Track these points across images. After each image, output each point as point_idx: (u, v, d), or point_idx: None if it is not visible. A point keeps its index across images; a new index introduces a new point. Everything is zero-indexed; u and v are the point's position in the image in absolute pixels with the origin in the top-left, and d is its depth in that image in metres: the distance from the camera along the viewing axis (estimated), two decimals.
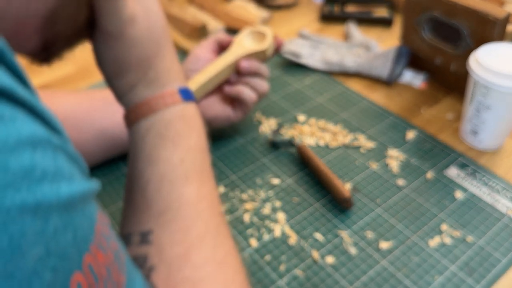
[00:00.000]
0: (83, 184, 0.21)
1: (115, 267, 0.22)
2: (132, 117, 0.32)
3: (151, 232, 0.29)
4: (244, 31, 0.54)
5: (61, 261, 0.18)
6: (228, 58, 0.50)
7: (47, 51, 0.28)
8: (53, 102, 0.49)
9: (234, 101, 0.52)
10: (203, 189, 0.31)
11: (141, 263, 0.28)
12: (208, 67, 0.50)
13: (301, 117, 0.60)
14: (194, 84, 0.48)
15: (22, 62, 0.77)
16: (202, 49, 0.52)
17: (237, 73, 0.52)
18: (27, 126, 0.18)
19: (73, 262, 0.19)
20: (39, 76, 0.70)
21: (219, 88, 0.52)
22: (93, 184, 0.22)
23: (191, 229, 0.29)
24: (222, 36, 0.53)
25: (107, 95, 0.50)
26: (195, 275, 0.27)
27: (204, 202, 0.31)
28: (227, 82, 0.53)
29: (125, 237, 0.29)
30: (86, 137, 0.48)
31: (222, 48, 0.54)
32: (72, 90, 0.51)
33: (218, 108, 0.52)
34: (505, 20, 0.53)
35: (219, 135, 0.57)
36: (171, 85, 0.33)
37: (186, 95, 0.33)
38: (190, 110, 0.33)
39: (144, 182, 0.31)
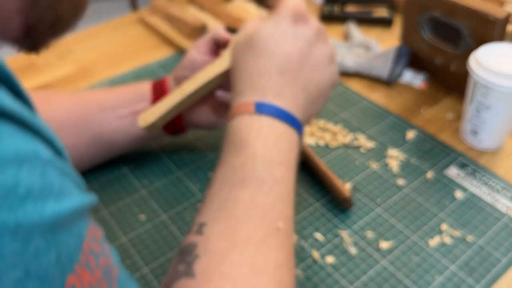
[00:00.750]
0: (76, 200, 0.20)
1: (103, 284, 0.22)
2: (227, 118, 0.36)
3: (206, 224, 0.31)
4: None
5: (42, 283, 0.18)
6: (220, 66, 0.45)
7: (32, 38, 0.28)
8: (50, 105, 0.49)
9: (228, 106, 0.49)
10: (258, 197, 0.32)
11: (190, 250, 0.30)
12: (198, 75, 0.46)
13: None
14: (180, 94, 0.45)
15: (22, 62, 0.77)
16: (197, 52, 0.49)
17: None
18: (13, 142, 0.18)
19: (55, 284, 0.19)
20: (39, 76, 0.70)
21: (212, 94, 0.50)
22: (88, 198, 0.22)
23: (238, 230, 0.31)
24: (220, 32, 0.50)
25: (103, 99, 0.50)
26: (231, 273, 0.29)
27: (258, 210, 0.32)
28: (220, 86, 0.49)
29: (190, 226, 0.32)
30: (83, 141, 0.48)
31: (219, 46, 0.51)
32: (69, 91, 0.51)
33: (210, 116, 0.50)
34: (505, 20, 0.53)
35: (218, 135, 0.57)
36: (255, 97, 0.35)
37: (261, 108, 0.35)
38: (264, 122, 0.35)
39: (213, 179, 0.34)
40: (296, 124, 0.36)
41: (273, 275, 0.30)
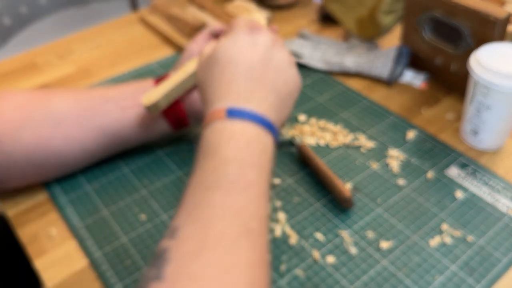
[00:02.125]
0: None
1: None
2: (201, 127, 0.37)
3: (178, 227, 0.32)
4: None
5: None
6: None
7: None
8: (53, 101, 0.49)
9: None
10: (230, 198, 0.32)
11: (161, 255, 0.30)
12: (187, 64, 0.48)
13: (302, 117, 0.60)
14: (183, 73, 0.47)
15: (23, 61, 0.77)
16: (196, 44, 0.51)
17: None
18: None
19: None
20: (40, 75, 0.70)
21: None
22: None
23: (209, 231, 0.31)
24: (216, 26, 0.52)
25: (106, 92, 0.50)
26: (200, 274, 0.29)
27: (229, 211, 0.32)
28: None
29: (166, 230, 0.33)
30: (86, 134, 0.48)
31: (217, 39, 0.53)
32: (71, 88, 0.51)
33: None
34: (506, 20, 0.53)
35: None
36: (226, 104, 0.36)
37: (232, 113, 0.35)
38: (235, 126, 0.35)
39: (187, 185, 0.35)
40: (268, 126, 0.36)
41: (244, 275, 0.30)
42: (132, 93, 0.50)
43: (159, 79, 0.51)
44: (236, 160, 0.34)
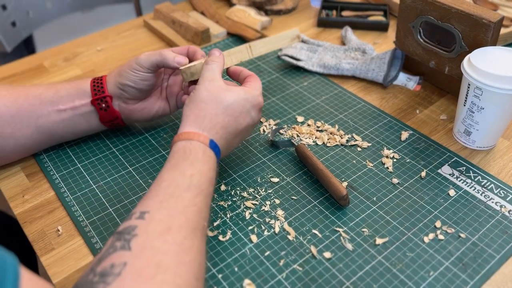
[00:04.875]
0: None
1: None
2: (176, 138, 0.44)
3: (148, 212, 0.37)
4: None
5: None
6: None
7: None
8: None
9: (166, 97, 0.58)
10: (196, 199, 0.40)
11: (130, 231, 0.36)
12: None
13: (300, 118, 0.61)
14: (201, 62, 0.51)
15: (31, 64, 0.77)
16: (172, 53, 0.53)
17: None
18: None
19: None
20: (47, 78, 0.72)
21: (158, 89, 0.58)
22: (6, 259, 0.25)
23: (175, 219, 0.37)
24: (197, 48, 0.55)
25: (42, 93, 0.52)
26: (162, 248, 0.34)
27: (194, 208, 0.39)
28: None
29: (129, 215, 0.38)
30: (23, 132, 0.51)
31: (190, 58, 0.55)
32: (6, 85, 0.53)
33: (158, 105, 0.57)
34: (499, 24, 0.54)
35: None
36: (208, 133, 0.45)
37: (212, 144, 0.44)
38: (210, 153, 0.44)
39: (161, 180, 0.41)
40: (218, 152, 0.45)
41: (196, 258, 0.36)
42: (69, 96, 0.52)
43: (96, 78, 0.54)
44: (206, 174, 0.42)
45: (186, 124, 0.45)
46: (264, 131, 0.60)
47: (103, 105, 0.53)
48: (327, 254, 0.44)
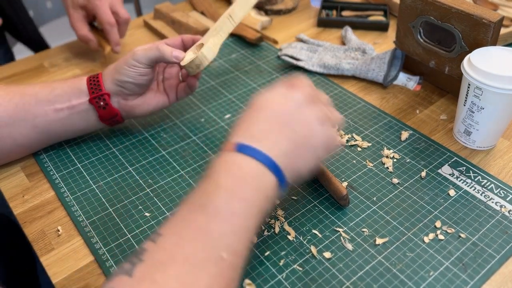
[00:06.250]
0: None
1: None
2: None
3: (161, 235, 0.34)
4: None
5: None
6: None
7: None
8: None
9: (164, 90, 0.58)
10: (212, 224, 0.34)
11: (139, 254, 0.33)
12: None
13: None
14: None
15: (31, 64, 0.78)
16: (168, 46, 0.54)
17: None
18: None
19: None
20: (47, 78, 0.72)
21: (155, 82, 0.58)
22: None
23: (181, 248, 0.33)
24: (190, 36, 0.56)
25: (38, 92, 0.52)
26: (161, 282, 0.31)
27: (206, 235, 0.33)
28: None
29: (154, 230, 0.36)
30: (20, 132, 0.51)
31: (186, 48, 0.56)
32: (3, 84, 0.53)
33: (157, 98, 0.57)
34: (499, 24, 0.54)
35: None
36: (239, 139, 0.38)
37: (240, 147, 0.37)
38: (238, 158, 0.37)
39: (186, 198, 0.36)
40: (273, 167, 0.37)
41: None
42: (65, 95, 0.52)
43: (92, 76, 0.54)
44: (227, 189, 0.35)
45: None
46: None
47: (101, 103, 0.53)
48: (327, 254, 0.44)
